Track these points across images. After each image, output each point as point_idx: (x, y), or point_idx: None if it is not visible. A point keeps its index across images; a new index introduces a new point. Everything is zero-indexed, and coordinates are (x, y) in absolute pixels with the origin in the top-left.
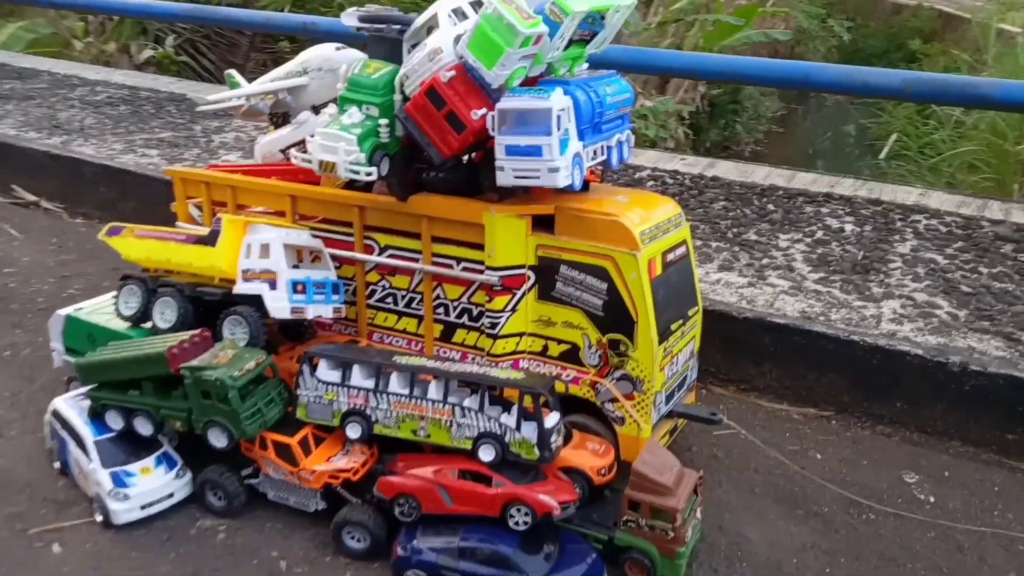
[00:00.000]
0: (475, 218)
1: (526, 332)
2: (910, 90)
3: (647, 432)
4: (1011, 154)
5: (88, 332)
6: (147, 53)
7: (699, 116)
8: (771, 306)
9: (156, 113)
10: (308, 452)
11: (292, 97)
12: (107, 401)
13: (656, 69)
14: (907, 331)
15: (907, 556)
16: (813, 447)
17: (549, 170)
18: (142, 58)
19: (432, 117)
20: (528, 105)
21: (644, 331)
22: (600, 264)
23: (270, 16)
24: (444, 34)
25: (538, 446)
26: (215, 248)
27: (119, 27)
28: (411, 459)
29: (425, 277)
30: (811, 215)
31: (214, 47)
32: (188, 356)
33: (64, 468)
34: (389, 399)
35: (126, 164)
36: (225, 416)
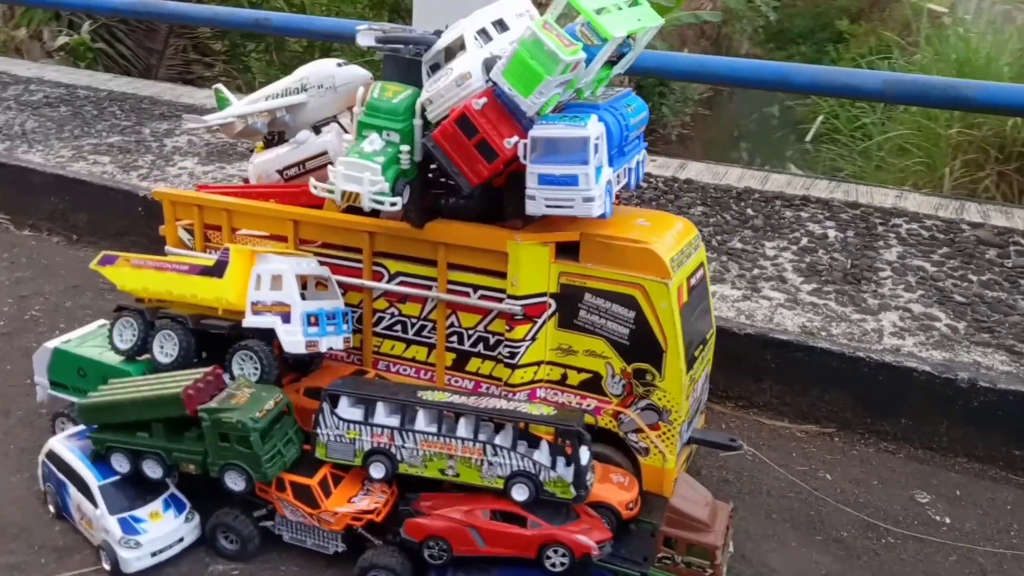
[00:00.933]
0: (498, 246)
1: (544, 361)
2: (891, 92)
3: (672, 463)
4: (943, 137)
5: (78, 366)
6: (61, 40)
7: None
8: (771, 321)
9: (99, 115)
10: (328, 493)
11: (290, 115)
12: (113, 444)
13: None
14: (910, 346)
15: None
16: (821, 467)
17: (584, 200)
18: (55, 45)
19: (462, 146)
20: (564, 133)
21: (673, 361)
22: (628, 292)
23: (216, 11)
24: (471, 58)
25: (574, 485)
26: (222, 279)
27: (30, 12)
28: (435, 499)
29: (439, 305)
30: (792, 220)
31: (131, 32)
32: (203, 396)
33: (61, 512)
34: (416, 437)
35: (79, 173)
36: (244, 459)
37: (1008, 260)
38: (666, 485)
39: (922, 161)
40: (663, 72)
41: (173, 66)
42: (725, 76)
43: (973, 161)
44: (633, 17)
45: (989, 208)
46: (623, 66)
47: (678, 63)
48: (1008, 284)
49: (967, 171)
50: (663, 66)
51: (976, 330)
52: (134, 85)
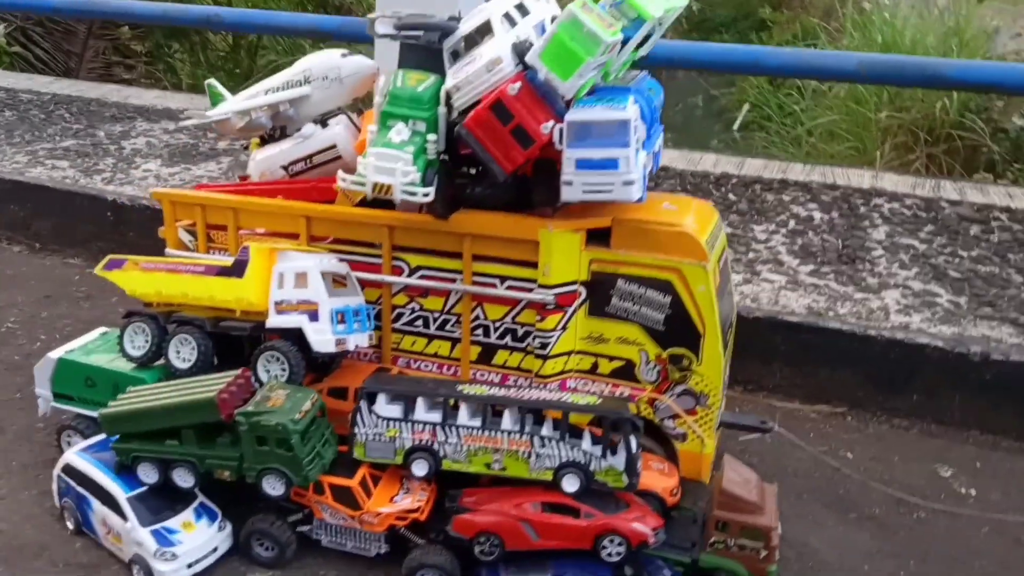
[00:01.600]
0: (529, 234)
1: (574, 350)
2: (866, 72)
3: (711, 447)
4: (872, 121)
5: (86, 376)
6: None
7: None
8: (776, 303)
9: (48, 119)
10: (369, 494)
11: (294, 109)
12: (140, 453)
13: None
14: (918, 322)
15: (969, 555)
16: (841, 446)
17: (624, 183)
18: None
19: (496, 132)
20: (604, 116)
21: (712, 344)
22: (664, 277)
23: (167, 8)
24: (500, 42)
25: (626, 473)
26: (242, 279)
27: None
28: (480, 494)
29: (464, 298)
30: (775, 203)
31: (48, 35)
32: (237, 400)
33: (81, 527)
34: (459, 432)
35: (39, 178)
36: (284, 462)
37: (992, 235)
38: (704, 470)
39: (853, 146)
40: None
41: (93, 68)
42: (698, 61)
43: (903, 144)
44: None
45: (964, 185)
46: (647, 48)
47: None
48: (999, 259)
49: (897, 154)
50: None
51: (978, 304)
52: (78, 87)
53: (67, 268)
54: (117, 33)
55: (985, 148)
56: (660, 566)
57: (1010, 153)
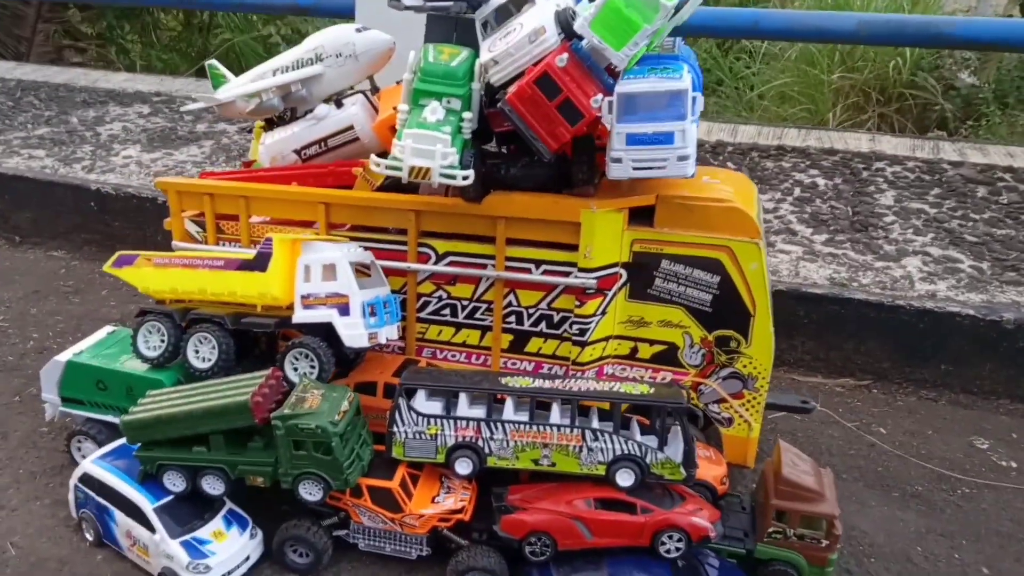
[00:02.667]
0: (570, 216)
1: (613, 335)
2: (865, 32)
3: (757, 431)
4: (824, 83)
5: (97, 379)
6: None
7: None
8: (797, 275)
9: (16, 107)
10: (409, 495)
11: (306, 89)
12: (165, 461)
13: None
14: (944, 290)
15: (1021, 530)
16: (873, 420)
17: (679, 158)
18: None
19: (541, 108)
20: (660, 87)
21: (763, 324)
22: (712, 256)
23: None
24: (544, 11)
25: (684, 465)
26: (265, 273)
27: None
28: (526, 491)
29: (496, 284)
30: (776, 171)
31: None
32: (270, 402)
33: (101, 539)
34: (506, 428)
35: (16, 169)
36: (324, 467)
37: (1001, 196)
38: (750, 456)
39: (805, 108)
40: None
41: (44, 52)
42: (694, 26)
43: (855, 104)
44: None
45: (964, 146)
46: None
47: None
48: (1012, 221)
49: (849, 115)
50: None
51: (1002, 269)
52: (44, 72)
53: (52, 261)
54: (66, 16)
55: (937, 106)
56: (707, 554)
57: (960, 110)
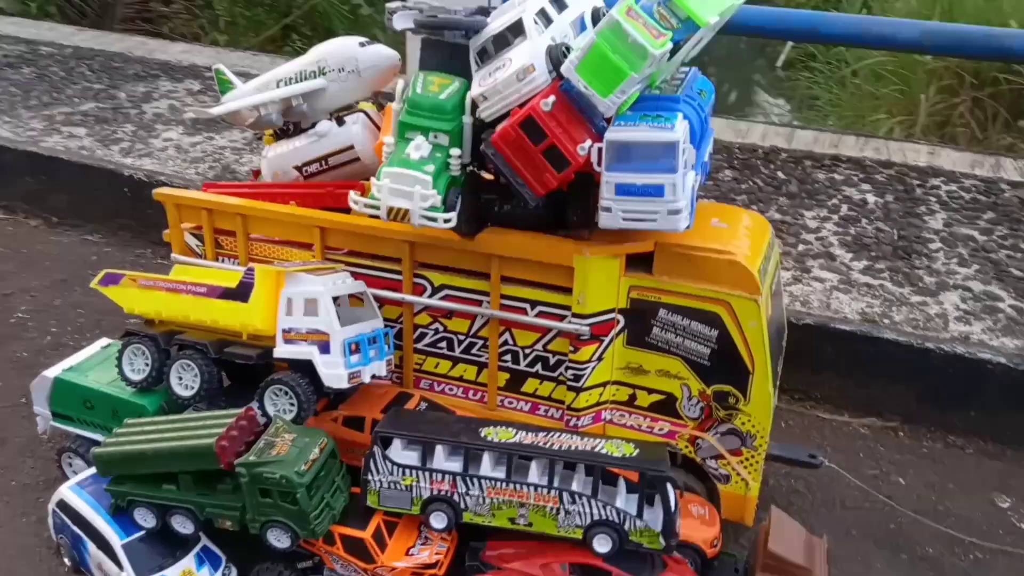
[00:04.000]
0: (563, 259)
1: (610, 381)
2: (929, 42)
3: (755, 490)
4: (919, 64)
5: (84, 398)
6: None
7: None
8: (828, 308)
9: (68, 77)
10: (383, 545)
11: (307, 103)
12: (135, 497)
13: None
14: (978, 332)
15: None
16: (893, 469)
17: (670, 212)
18: None
19: (527, 152)
20: (648, 137)
21: (761, 383)
22: (711, 309)
23: None
24: (534, 46)
25: (663, 534)
26: (247, 304)
27: None
28: (504, 548)
29: (492, 322)
30: (826, 183)
31: None
32: (238, 445)
33: (79, 566)
34: (482, 484)
35: (54, 150)
36: (290, 516)
37: None
38: (748, 514)
39: (898, 88)
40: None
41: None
42: (751, 27)
43: (948, 87)
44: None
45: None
46: (697, 49)
47: None
48: None
49: (943, 97)
50: None
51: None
52: (100, 40)
53: (85, 246)
54: None
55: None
56: None
57: None
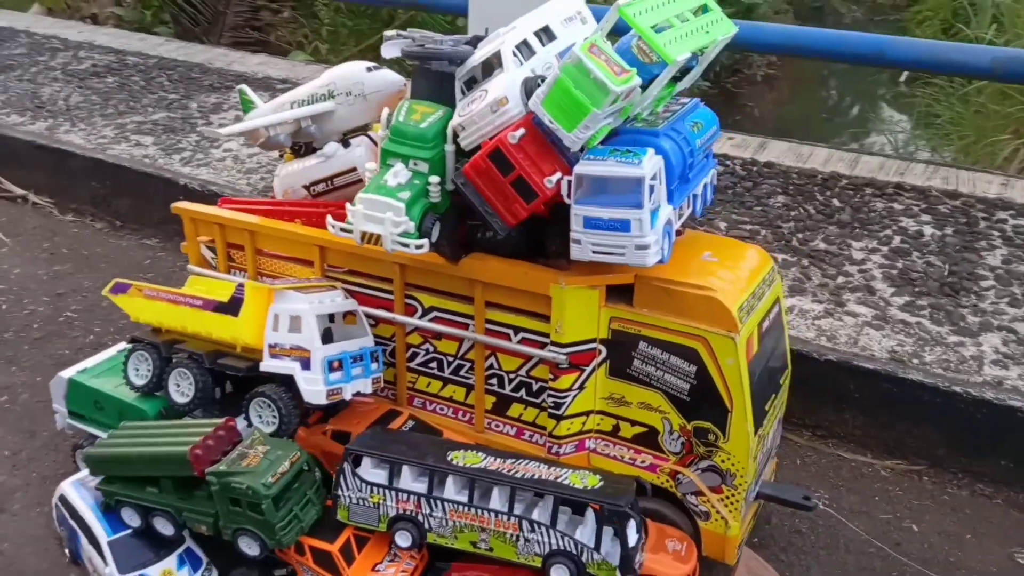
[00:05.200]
0: (540, 288)
1: (594, 410)
2: (1000, 69)
3: (736, 530)
4: None
5: (95, 399)
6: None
7: None
8: (855, 344)
9: (147, 86)
10: (351, 559)
11: (316, 125)
12: (122, 497)
13: None
14: (1014, 378)
15: None
16: (908, 515)
17: (637, 247)
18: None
19: (496, 183)
20: (614, 172)
21: (739, 422)
22: (689, 344)
23: None
24: (509, 79)
25: (620, 569)
26: (237, 318)
27: None
28: (468, 570)
29: (477, 346)
30: (883, 213)
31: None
32: (213, 454)
33: (75, 558)
34: (445, 507)
35: (119, 157)
36: (257, 525)
37: None
38: (728, 552)
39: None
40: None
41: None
42: (815, 49)
43: None
44: (700, 30)
45: None
46: (689, 81)
47: (765, 34)
48: None
49: None
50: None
51: None
52: (185, 51)
53: (142, 250)
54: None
55: None
56: None
57: None
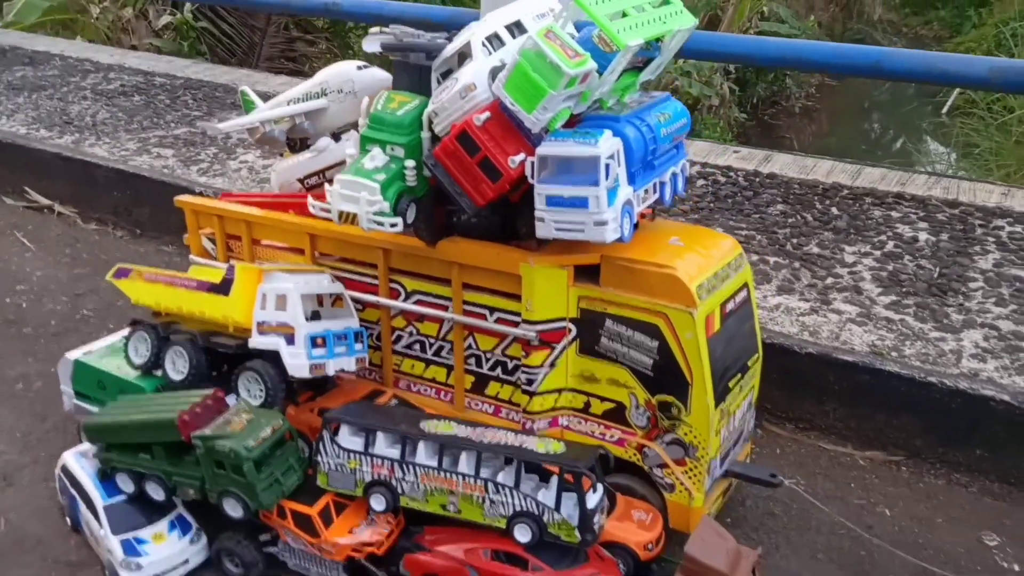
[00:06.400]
0: (511, 268)
1: (565, 388)
2: (997, 79)
3: (699, 501)
4: None
5: (98, 379)
6: (165, 19)
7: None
8: (837, 338)
9: (171, 105)
10: (329, 522)
11: (310, 121)
12: (117, 464)
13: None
14: (991, 370)
15: None
16: (881, 501)
17: (595, 223)
18: (160, 23)
19: (464, 164)
20: (572, 152)
21: (699, 395)
22: (650, 321)
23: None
24: (477, 67)
25: (579, 529)
26: (228, 297)
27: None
28: (440, 532)
29: (455, 326)
30: (880, 220)
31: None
32: (200, 421)
33: (76, 525)
34: (416, 471)
35: (140, 168)
36: (240, 487)
37: None
38: (693, 523)
39: None
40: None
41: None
42: (813, 62)
43: None
44: (657, 20)
45: None
46: (651, 72)
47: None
48: None
49: None
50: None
51: None
52: (211, 72)
53: (159, 256)
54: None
55: None
56: None
57: None
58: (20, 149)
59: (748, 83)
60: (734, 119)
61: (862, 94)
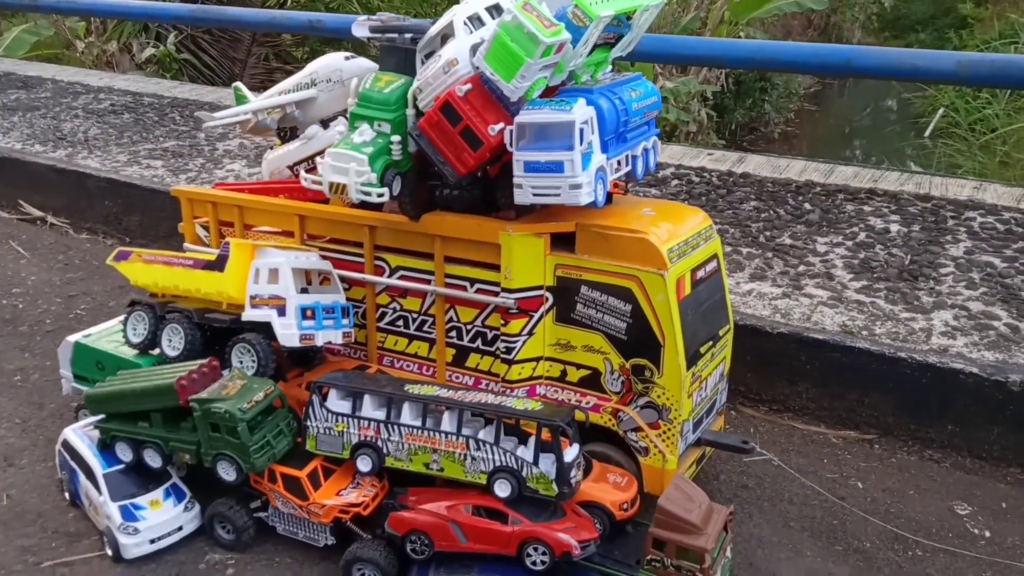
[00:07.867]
0: (491, 238)
1: (543, 356)
2: (966, 73)
3: (673, 464)
4: None
5: (97, 359)
6: (148, 52)
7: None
8: (808, 320)
9: (159, 121)
10: (317, 485)
11: (300, 111)
12: (116, 433)
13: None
14: (960, 346)
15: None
16: (854, 474)
17: (571, 187)
18: (143, 56)
19: (447, 134)
20: (548, 119)
21: (671, 356)
22: (624, 284)
23: (274, 15)
24: (459, 44)
25: (556, 482)
26: (223, 273)
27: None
28: (423, 493)
29: (437, 299)
30: (852, 214)
31: (215, 43)
32: (197, 387)
33: (74, 499)
34: (401, 431)
35: (130, 177)
36: (234, 449)
37: None
38: (667, 486)
39: None
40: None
41: (256, 74)
42: (785, 62)
43: None
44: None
45: None
46: (622, 48)
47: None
48: None
49: None
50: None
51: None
52: (197, 91)
53: None
54: (278, 40)
55: None
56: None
57: None
58: (16, 163)
59: (726, 109)
60: (712, 145)
61: (842, 119)
